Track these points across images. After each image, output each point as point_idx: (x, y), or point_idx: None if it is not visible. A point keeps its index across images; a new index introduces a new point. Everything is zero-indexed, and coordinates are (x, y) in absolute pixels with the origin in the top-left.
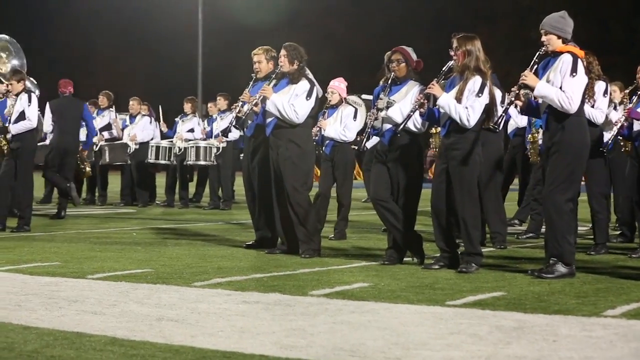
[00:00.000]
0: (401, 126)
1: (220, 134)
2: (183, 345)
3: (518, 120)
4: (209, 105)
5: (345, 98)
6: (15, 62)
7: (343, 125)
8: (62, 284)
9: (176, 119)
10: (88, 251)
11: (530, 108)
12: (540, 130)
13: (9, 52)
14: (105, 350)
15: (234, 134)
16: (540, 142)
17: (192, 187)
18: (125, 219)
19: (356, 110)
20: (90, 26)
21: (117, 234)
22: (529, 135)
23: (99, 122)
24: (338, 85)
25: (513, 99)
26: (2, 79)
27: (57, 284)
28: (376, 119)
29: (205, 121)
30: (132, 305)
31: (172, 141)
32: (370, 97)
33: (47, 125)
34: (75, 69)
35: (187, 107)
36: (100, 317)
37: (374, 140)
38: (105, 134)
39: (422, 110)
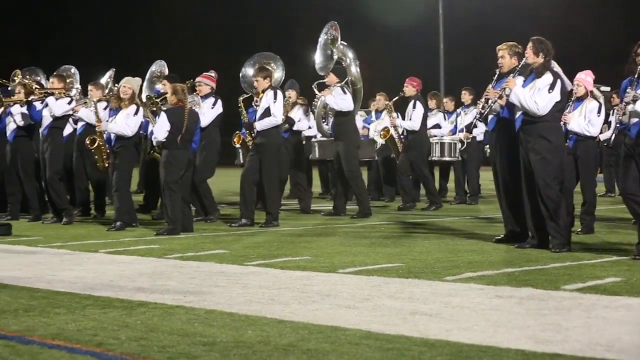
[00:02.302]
0: None
1: (464, 129)
2: (438, 339)
3: None
4: (445, 100)
5: (591, 91)
6: (278, 74)
7: (587, 120)
8: (314, 278)
9: None
10: (338, 246)
11: None
12: None
13: (276, 64)
14: (360, 344)
15: (480, 129)
16: None
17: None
18: (373, 213)
19: (600, 105)
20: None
21: (365, 229)
22: None
23: None
24: (584, 78)
25: None
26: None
27: (309, 278)
28: (624, 113)
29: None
30: (384, 300)
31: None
32: (608, 89)
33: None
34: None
35: (432, 102)
36: (354, 311)
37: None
38: None
39: None
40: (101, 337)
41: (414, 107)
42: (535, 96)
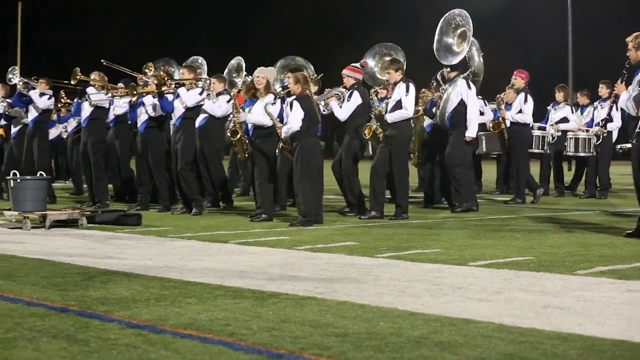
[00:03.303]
0: None
1: (600, 123)
2: (571, 332)
3: None
4: (578, 95)
5: None
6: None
7: None
8: (445, 270)
9: (548, 107)
10: (467, 238)
11: None
12: None
13: (397, 54)
14: (493, 337)
15: (615, 123)
16: None
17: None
18: (501, 207)
19: None
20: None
21: (494, 222)
22: None
23: None
24: None
25: None
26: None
27: (440, 270)
28: None
29: (579, 110)
30: (516, 293)
31: (545, 129)
32: None
33: None
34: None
35: (559, 95)
36: (486, 304)
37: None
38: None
39: None
40: (233, 327)
41: (525, 100)
42: None
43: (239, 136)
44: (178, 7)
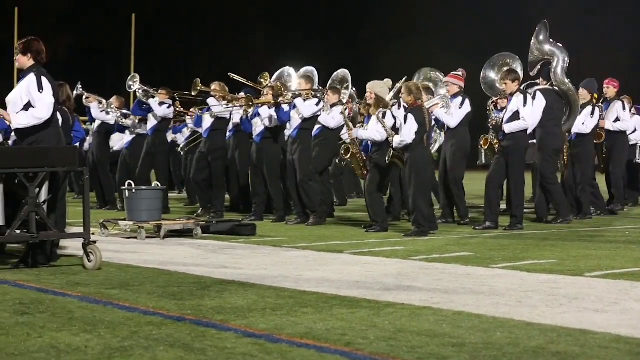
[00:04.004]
0: None
1: None
2: None
3: None
4: None
5: None
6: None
7: None
8: (561, 281)
9: None
10: (582, 249)
11: None
12: None
13: (515, 64)
14: (610, 348)
15: None
16: None
17: None
18: (615, 217)
19: None
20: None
21: (609, 233)
22: None
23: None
24: None
25: None
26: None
27: (556, 281)
28: None
29: None
30: (632, 304)
31: None
32: None
33: None
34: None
35: None
36: (602, 314)
37: None
38: None
39: None
40: (350, 337)
41: (624, 108)
42: None
43: (351, 153)
44: (289, 15)
